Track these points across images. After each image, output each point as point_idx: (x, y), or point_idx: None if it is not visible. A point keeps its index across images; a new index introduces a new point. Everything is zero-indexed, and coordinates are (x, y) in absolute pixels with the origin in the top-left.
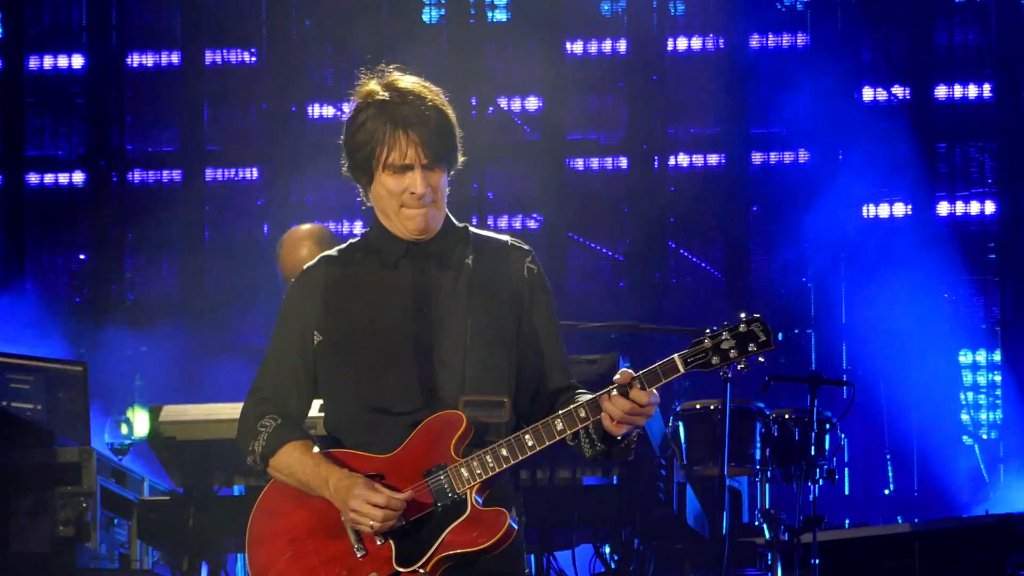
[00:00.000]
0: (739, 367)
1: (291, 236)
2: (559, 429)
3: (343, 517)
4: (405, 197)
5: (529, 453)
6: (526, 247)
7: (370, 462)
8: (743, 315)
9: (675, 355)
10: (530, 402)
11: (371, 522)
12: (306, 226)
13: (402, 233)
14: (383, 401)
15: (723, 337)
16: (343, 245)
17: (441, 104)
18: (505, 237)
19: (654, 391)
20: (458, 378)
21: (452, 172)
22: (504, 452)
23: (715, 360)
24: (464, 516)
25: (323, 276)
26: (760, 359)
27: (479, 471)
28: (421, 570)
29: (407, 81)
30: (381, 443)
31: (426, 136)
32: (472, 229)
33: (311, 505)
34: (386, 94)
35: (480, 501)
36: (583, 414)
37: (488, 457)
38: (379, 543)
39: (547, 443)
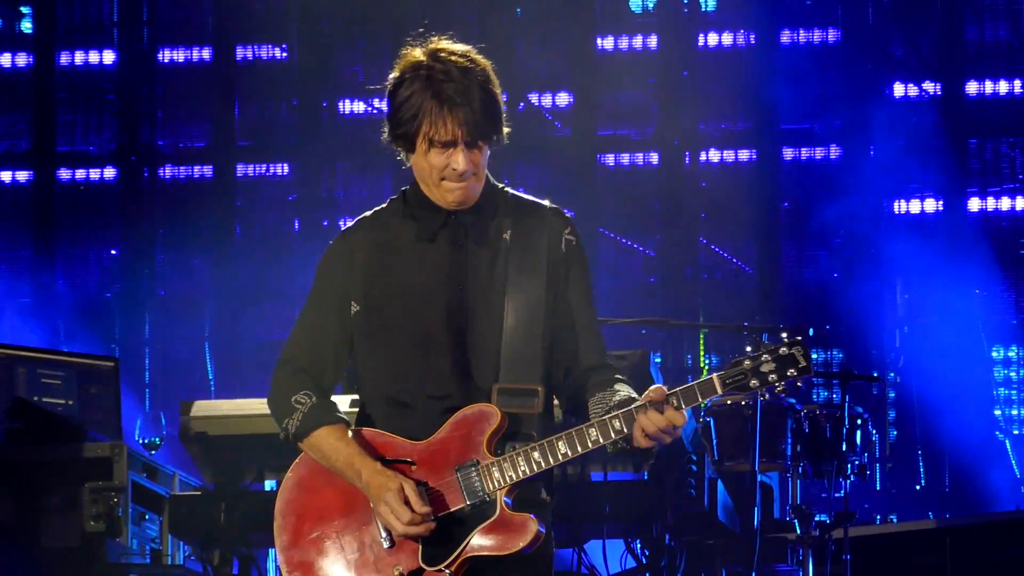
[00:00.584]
0: (777, 390)
1: None
2: (593, 439)
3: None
4: (447, 172)
5: (561, 460)
6: (566, 215)
7: (402, 448)
8: (785, 336)
9: (714, 375)
10: (564, 375)
11: (398, 526)
12: None
13: (441, 203)
14: (416, 383)
15: (763, 359)
16: (381, 207)
17: (486, 79)
18: (544, 202)
19: (685, 412)
20: (492, 364)
21: (499, 143)
22: (536, 456)
23: (753, 383)
24: (492, 518)
25: (362, 242)
26: (798, 384)
27: (510, 474)
28: (446, 570)
29: (453, 52)
30: (412, 426)
31: (470, 116)
32: (510, 191)
33: (343, 484)
34: (433, 65)
35: (509, 503)
36: (617, 426)
37: (520, 460)
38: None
39: (580, 451)
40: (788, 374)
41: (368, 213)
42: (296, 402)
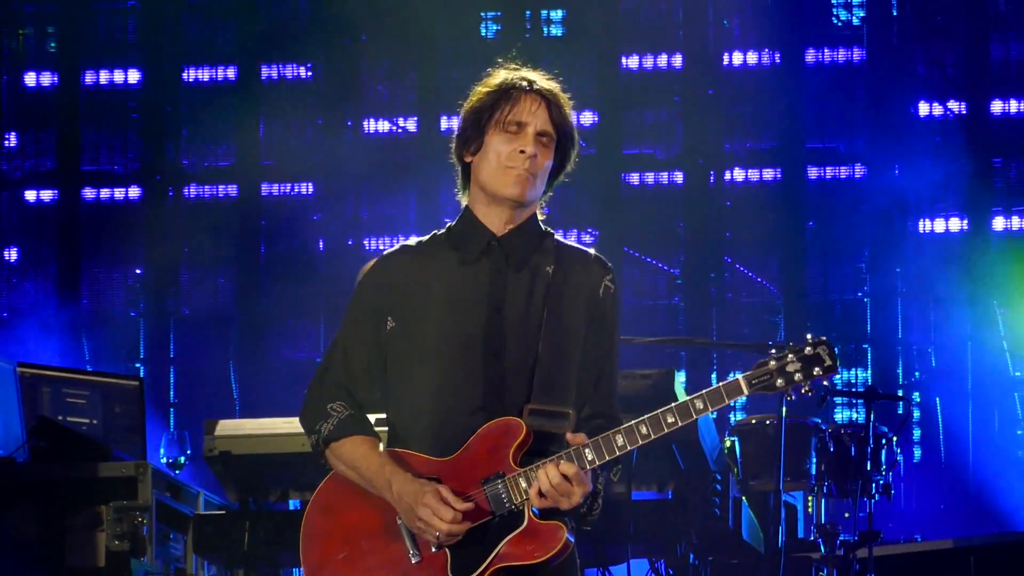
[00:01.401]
0: (803, 390)
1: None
2: (619, 444)
3: (399, 520)
4: (513, 156)
5: (588, 467)
6: (608, 264)
7: (428, 464)
8: (809, 336)
9: (739, 375)
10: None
11: (436, 533)
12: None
13: (497, 197)
14: (448, 400)
15: (788, 359)
16: (425, 237)
17: (567, 101)
18: (590, 250)
19: (580, 472)
20: (524, 386)
21: (560, 174)
22: (563, 463)
23: (779, 382)
24: (521, 528)
25: (401, 264)
26: (825, 383)
27: (536, 480)
28: None
29: (543, 74)
30: (441, 443)
31: (549, 109)
32: (556, 237)
33: (367, 504)
34: (518, 73)
35: (537, 512)
36: (644, 431)
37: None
38: (434, 550)
39: (607, 458)
40: (814, 373)
41: (411, 241)
42: (331, 409)
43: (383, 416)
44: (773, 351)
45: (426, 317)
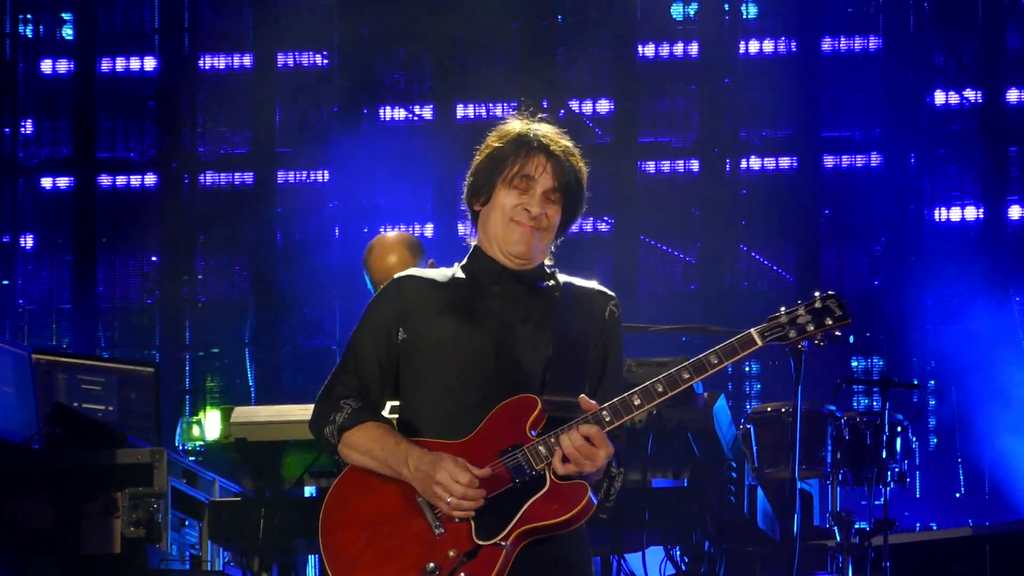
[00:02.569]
0: (816, 341)
1: (379, 243)
2: (636, 404)
3: (419, 497)
4: (518, 211)
5: (607, 428)
6: (610, 293)
7: (446, 447)
8: (817, 292)
9: (752, 329)
10: None
11: (449, 498)
12: (393, 234)
13: (504, 251)
14: (461, 401)
15: (799, 312)
16: (437, 271)
17: (578, 159)
18: (593, 283)
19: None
20: (537, 383)
21: (566, 231)
22: (584, 426)
23: (792, 333)
24: (544, 489)
25: (414, 284)
26: (837, 333)
27: (557, 447)
28: (503, 542)
29: (550, 127)
30: (454, 431)
31: (557, 166)
32: (561, 275)
33: (384, 489)
34: (532, 127)
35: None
36: (660, 389)
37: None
38: (457, 520)
39: (625, 418)
40: (826, 323)
41: (427, 272)
42: (344, 402)
43: (396, 416)
44: (783, 308)
45: (438, 328)
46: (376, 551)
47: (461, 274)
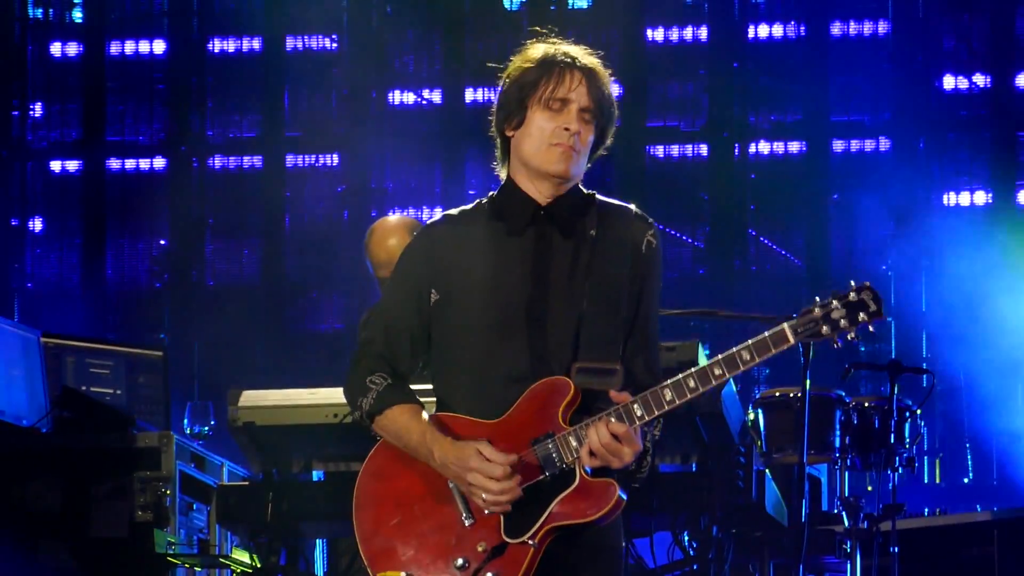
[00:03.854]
0: (849, 336)
1: (380, 226)
2: (668, 399)
3: (451, 483)
4: (557, 133)
5: (638, 423)
6: (649, 219)
7: (476, 427)
8: (853, 283)
9: (785, 324)
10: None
11: (484, 495)
12: (394, 217)
13: (542, 172)
14: (492, 366)
15: (833, 306)
16: (467, 206)
17: (608, 76)
18: (630, 205)
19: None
20: (570, 348)
21: (600, 149)
22: (613, 421)
23: (825, 329)
24: (573, 486)
25: (445, 234)
26: (871, 328)
27: (587, 438)
28: (530, 541)
29: (575, 46)
30: (488, 408)
31: (594, 86)
32: (599, 196)
33: (418, 469)
34: (559, 47)
35: (589, 471)
36: (692, 384)
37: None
38: (487, 512)
39: (656, 413)
40: (859, 318)
41: (453, 211)
42: (371, 382)
43: (428, 387)
44: (817, 298)
45: (470, 289)
46: (407, 535)
47: (492, 212)
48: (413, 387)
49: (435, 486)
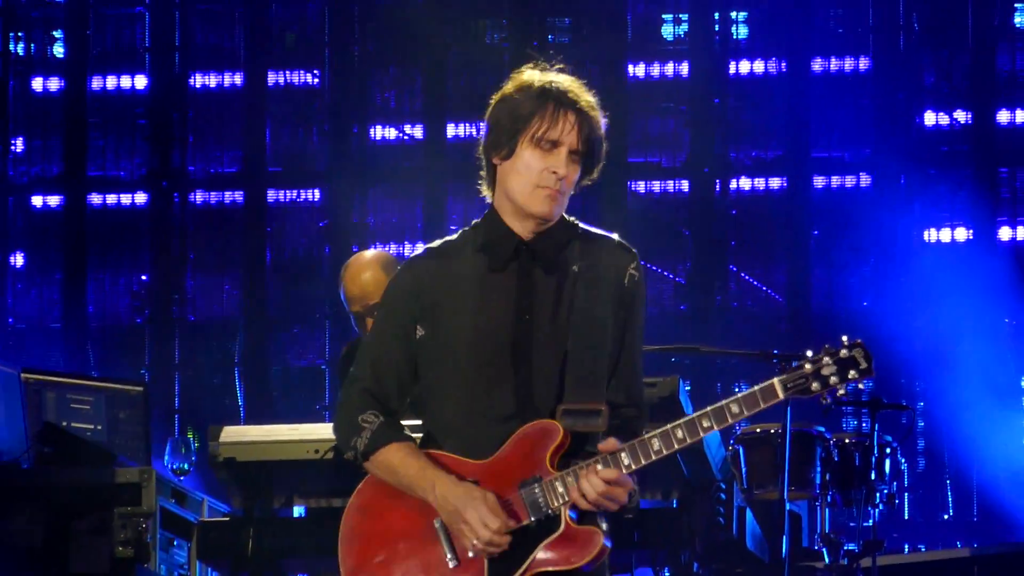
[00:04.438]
0: (839, 393)
1: (355, 262)
2: (655, 449)
3: (436, 524)
4: (544, 176)
5: (624, 471)
6: (633, 250)
7: (465, 467)
8: (845, 339)
9: (775, 379)
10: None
11: (475, 540)
12: (370, 252)
13: (526, 213)
14: (479, 404)
15: (824, 362)
16: (451, 237)
17: (597, 109)
18: (613, 235)
19: (630, 478)
20: (555, 387)
21: (585, 179)
22: (600, 468)
23: (815, 386)
24: (558, 532)
25: (429, 269)
26: (860, 386)
27: (575, 487)
28: None
29: (570, 80)
30: (474, 445)
31: (585, 127)
32: (581, 225)
33: (405, 506)
34: (551, 80)
35: (575, 516)
36: (680, 435)
37: (584, 472)
38: (471, 555)
39: (643, 463)
40: (849, 376)
41: (436, 243)
42: (363, 421)
43: (417, 423)
44: (808, 353)
45: (455, 325)
46: (391, 572)
47: (475, 244)
48: (404, 422)
49: (421, 525)
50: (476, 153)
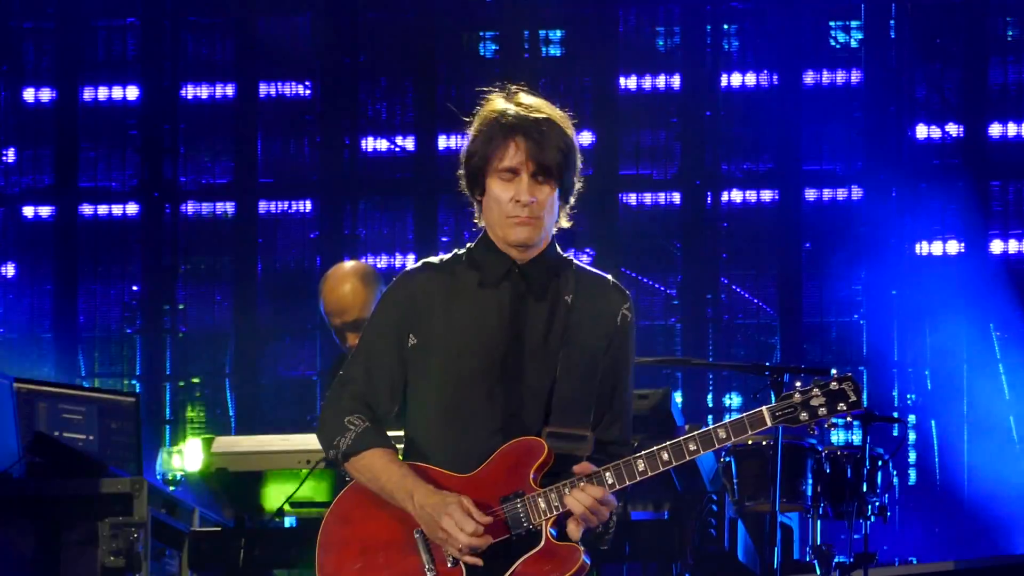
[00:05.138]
0: (826, 425)
1: (334, 273)
2: (640, 470)
3: (416, 534)
4: (511, 206)
5: (608, 490)
6: (626, 292)
7: (449, 480)
8: (834, 372)
9: (763, 408)
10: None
11: (458, 546)
12: (350, 263)
13: (506, 243)
14: (466, 417)
15: (813, 393)
16: (446, 256)
17: (561, 122)
18: (608, 276)
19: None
20: (541, 407)
21: (570, 196)
22: (590, 488)
23: (803, 416)
24: (538, 548)
25: (425, 281)
26: (848, 418)
27: (556, 504)
28: None
29: (531, 97)
30: (458, 457)
31: (534, 146)
32: (576, 263)
33: (385, 515)
34: (508, 106)
35: (555, 534)
36: (666, 457)
37: (567, 490)
38: (450, 565)
39: (627, 483)
40: (838, 408)
41: (433, 259)
42: (349, 423)
43: (399, 433)
44: (798, 384)
45: (448, 338)
46: None
47: (470, 263)
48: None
49: (401, 535)
50: (460, 188)
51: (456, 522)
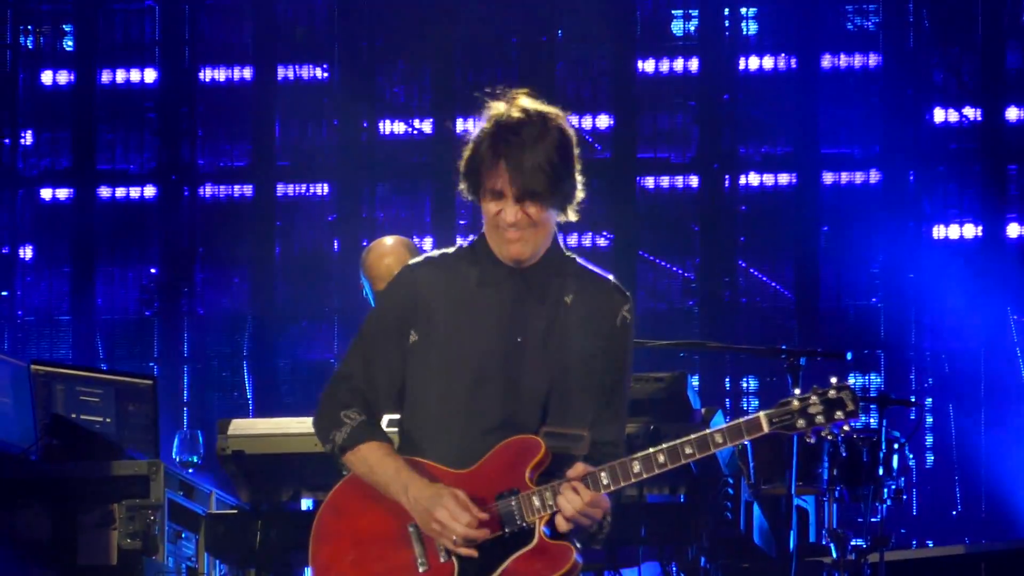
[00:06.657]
0: (823, 432)
1: (378, 246)
2: (635, 471)
3: (410, 528)
4: (501, 223)
5: (603, 491)
6: (627, 293)
7: (444, 476)
8: (834, 380)
9: (760, 413)
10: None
11: (452, 537)
12: (391, 238)
13: (500, 256)
14: (463, 414)
15: (811, 401)
16: (449, 250)
17: (553, 142)
18: (609, 277)
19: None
20: (538, 408)
21: (569, 201)
22: (583, 491)
23: (800, 423)
24: (530, 546)
25: (426, 277)
26: (846, 427)
27: (551, 502)
28: None
29: (528, 109)
30: (454, 453)
31: (515, 171)
32: (578, 262)
33: (380, 508)
34: (504, 119)
35: (548, 532)
36: (661, 460)
37: (561, 490)
38: (442, 560)
39: (622, 484)
40: (835, 416)
41: (435, 252)
42: (345, 416)
43: (395, 417)
44: (796, 391)
45: (448, 334)
46: (360, 573)
47: (471, 260)
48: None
49: (395, 528)
50: (461, 215)
51: (451, 513)
